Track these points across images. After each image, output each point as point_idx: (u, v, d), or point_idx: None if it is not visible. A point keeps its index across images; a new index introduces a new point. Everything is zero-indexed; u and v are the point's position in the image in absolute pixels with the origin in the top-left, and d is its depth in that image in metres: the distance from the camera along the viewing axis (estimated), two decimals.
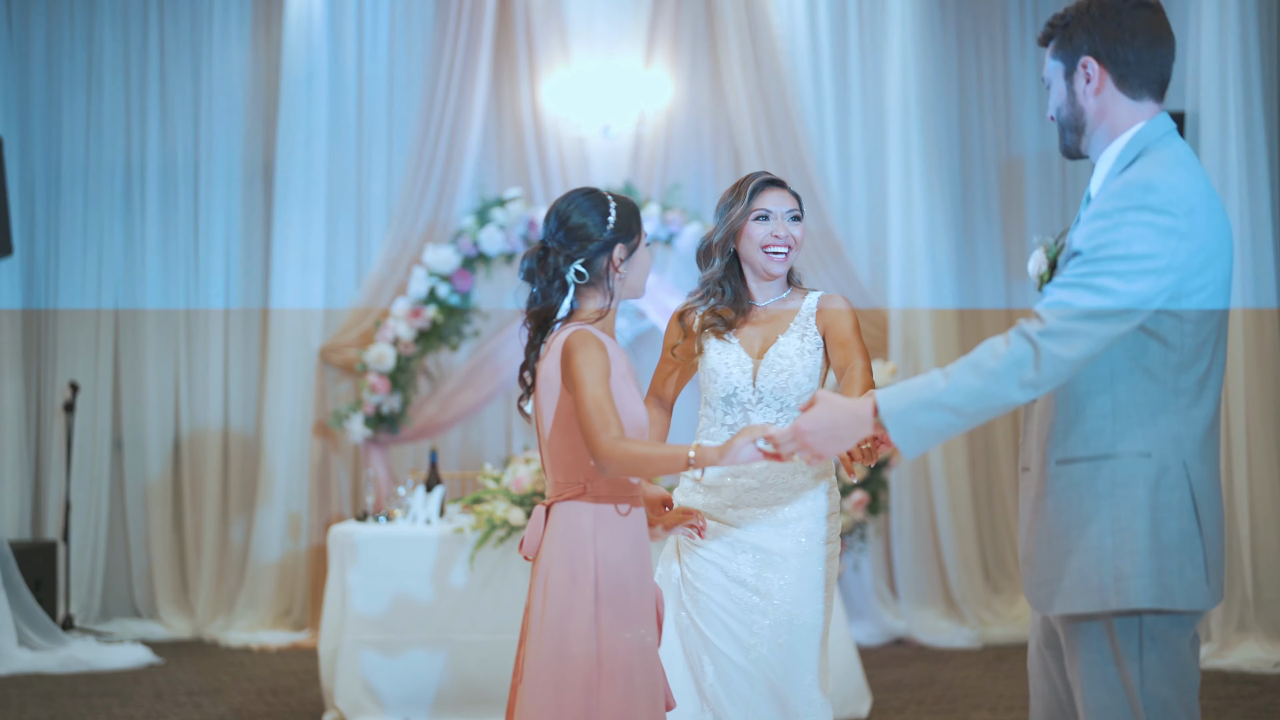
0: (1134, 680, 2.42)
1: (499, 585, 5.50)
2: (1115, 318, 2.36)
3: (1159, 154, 2.47)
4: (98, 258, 7.78)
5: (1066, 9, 2.58)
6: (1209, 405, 2.47)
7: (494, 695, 5.48)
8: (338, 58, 7.71)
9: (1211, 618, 6.43)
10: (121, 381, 7.78)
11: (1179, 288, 2.40)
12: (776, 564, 3.26)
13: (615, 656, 2.82)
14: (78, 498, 7.59)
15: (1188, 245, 2.39)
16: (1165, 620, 2.43)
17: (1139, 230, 2.37)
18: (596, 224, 2.93)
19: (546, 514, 2.93)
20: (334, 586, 5.56)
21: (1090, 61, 2.52)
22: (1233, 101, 6.49)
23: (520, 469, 5.66)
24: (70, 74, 7.81)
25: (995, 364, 2.37)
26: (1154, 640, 2.43)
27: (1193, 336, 2.44)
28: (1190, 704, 2.46)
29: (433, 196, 7.49)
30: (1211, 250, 2.43)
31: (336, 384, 7.56)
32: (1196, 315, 2.43)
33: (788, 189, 3.39)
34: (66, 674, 6.50)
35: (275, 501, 7.47)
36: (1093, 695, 2.45)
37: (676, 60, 7.62)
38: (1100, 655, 2.45)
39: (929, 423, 2.40)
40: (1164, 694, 2.42)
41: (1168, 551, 2.41)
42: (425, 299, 7.28)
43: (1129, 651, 2.43)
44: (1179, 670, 2.44)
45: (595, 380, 2.78)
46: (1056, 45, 2.57)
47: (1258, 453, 6.48)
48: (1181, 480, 2.43)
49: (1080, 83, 2.54)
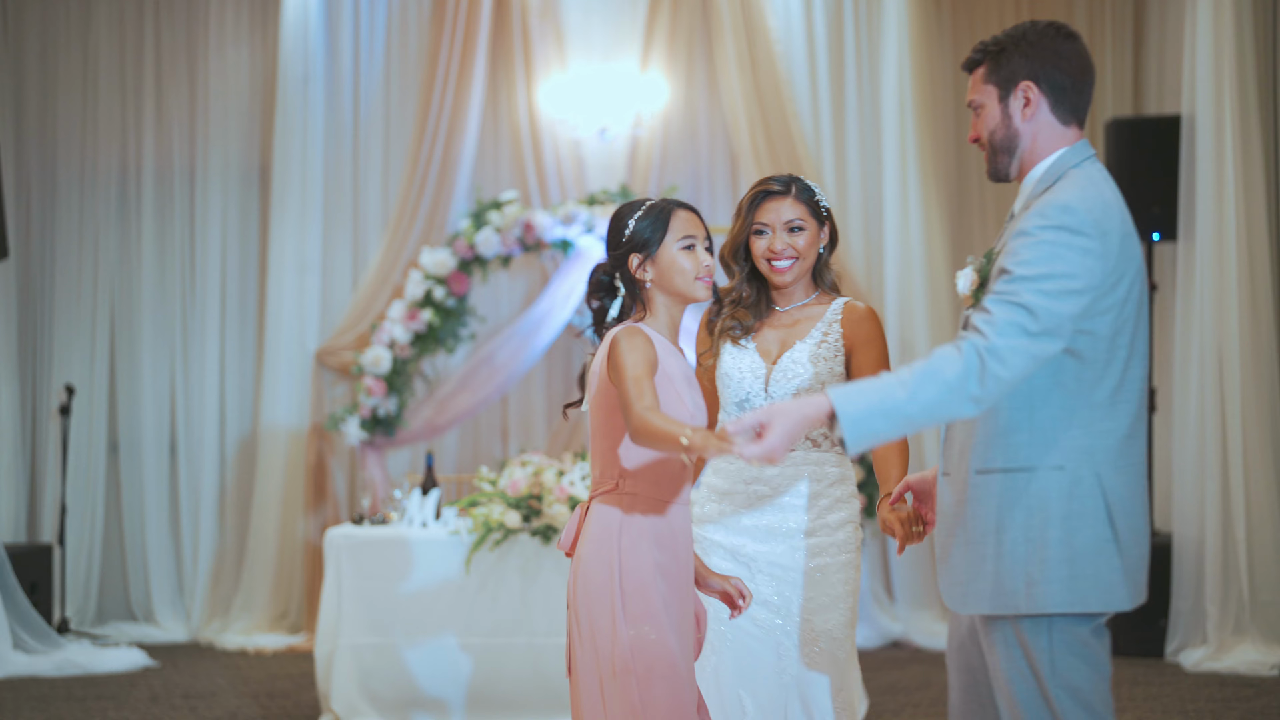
0: (1045, 673, 2.56)
1: (495, 588, 5.50)
2: (1046, 336, 2.46)
3: (1078, 177, 2.58)
4: (93, 260, 7.77)
5: (998, 37, 2.67)
6: (1123, 418, 2.58)
7: (491, 697, 5.47)
8: (334, 60, 7.71)
9: (1208, 620, 6.43)
10: (117, 384, 7.78)
11: (1092, 306, 2.51)
12: (794, 580, 3.24)
13: (639, 654, 2.84)
14: (73, 500, 7.58)
15: (1102, 265, 2.50)
16: (1073, 619, 2.57)
17: (1059, 250, 2.48)
18: (615, 236, 2.99)
19: (585, 510, 2.99)
20: (330, 590, 5.55)
21: (1030, 86, 2.62)
22: (1229, 105, 6.48)
23: (516, 472, 5.65)
24: (66, 75, 7.80)
25: (952, 377, 2.45)
26: (1062, 636, 2.56)
27: (1105, 352, 2.55)
28: (1103, 692, 2.59)
29: (429, 199, 7.49)
30: (1122, 270, 2.54)
31: (333, 387, 7.55)
32: (1108, 331, 2.54)
33: (790, 195, 3.32)
34: (62, 677, 6.49)
35: (271, 505, 7.46)
36: (1009, 687, 2.59)
37: (673, 63, 7.62)
38: (1014, 650, 2.59)
39: (884, 429, 2.47)
40: (1075, 683, 2.56)
41: (1081, 558, 2.55)
42: (421, 302, 7.27)
43: (1038, 646, 2.57)
44: (1089, 661, 2.58)
45: (636, 363, 2.82)
46: (991, 70, 2.66)
47: (1254, 457, 6.47)
48: (1094, 490, 2.55)
49: (1017, 106, 2.63)
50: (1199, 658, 6.36)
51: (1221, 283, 6.50)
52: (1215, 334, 6.51)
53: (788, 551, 3.25)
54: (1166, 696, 5.82)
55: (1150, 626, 6.65)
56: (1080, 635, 2.57)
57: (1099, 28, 7.85)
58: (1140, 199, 6.94)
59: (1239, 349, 6.47)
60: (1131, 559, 2.58)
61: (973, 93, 2.70)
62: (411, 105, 7.71)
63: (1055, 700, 2.55)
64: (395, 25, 7.78)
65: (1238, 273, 6.47)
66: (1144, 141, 6.95)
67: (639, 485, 2.91)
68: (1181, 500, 6.62)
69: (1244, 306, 6.49)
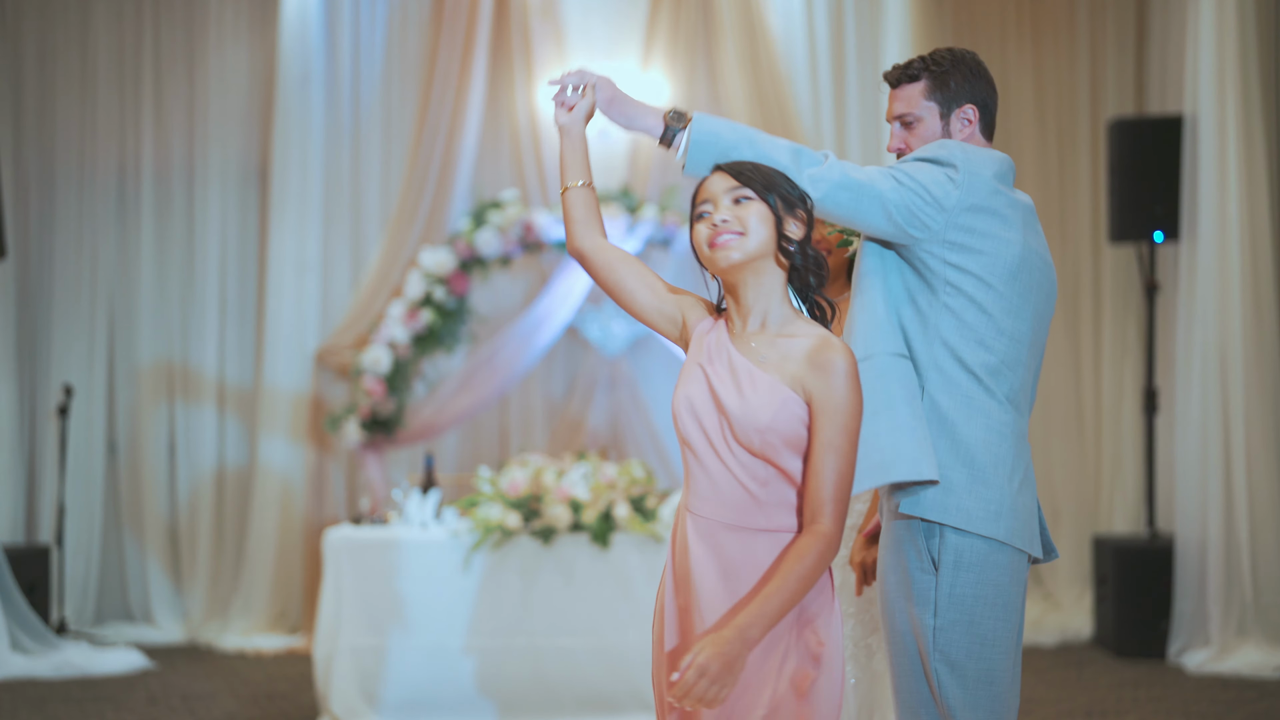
0: (927, 644, 2.72)
1: (495, 589, 5.48)
2: (871, 195, 2.66)
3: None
4: (92, 260, 7.75)
5: (935, 58, 2.87)
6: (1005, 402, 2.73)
7: (489, 699, 5.45)
8: (334, 59, 7.69)
9: (1210, 622, 6.42)
10: (116, 385, 7.76)
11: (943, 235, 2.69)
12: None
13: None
14: (72, 501, 7.56)
15: (959, 197, 2.68)
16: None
17: (928, 168, 2.71)
18: None
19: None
20: (329, 591, 5.53)
21: (973, 108, 2.86)
22: (1231, 104, 6.47)
23: (516, 473, 5.63)
24: (64, 74, 7.78)
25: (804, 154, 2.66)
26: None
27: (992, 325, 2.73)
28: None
29: (429, 199, 7.47)
30: (1015, 267, 2.71)
31: (332, 387, 7.53)
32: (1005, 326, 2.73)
33: None
34: (60, 679, 6.47)
35: (270, 505, 7.44)
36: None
37: (674, 62, 7.61)
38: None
39: (726, 132, 2.63)
40: (952, 656, 2.70)
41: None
42: (421, 302, 7.25)
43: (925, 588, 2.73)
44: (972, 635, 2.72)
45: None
46: (933, 88, 2.85)
47: (1256, 457, 6.46)
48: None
49: (958, 126, 2.86)
50: (1202, 659, 6.34)
51: (1224, 283, 6.49)
52: (1218, 334, 6.49)
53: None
54: (1169, 699, 5.80)
55: (1153, 628, 6.63)
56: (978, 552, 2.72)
57: (1101, 26, 7.84)
58: (1142, 199, 6.94)
59: (1241, 349, 6.45)
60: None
61: (908, 106, 2.87)
62: (411, 104, 7.69)
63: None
64: (395, 24, 7.76)
65: (1240, 273, 6.46)
66: (1146, 141, 6.94)
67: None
68: (1184, 501, 6.60)
69: (1246, 307, 6.48)
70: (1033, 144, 7.87)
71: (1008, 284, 2.70)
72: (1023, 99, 7.90)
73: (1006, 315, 2.70)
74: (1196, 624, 6.49)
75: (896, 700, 2.76)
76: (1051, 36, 7.92)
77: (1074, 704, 5.75)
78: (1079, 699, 5.84)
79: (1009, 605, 2.71)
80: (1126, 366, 7.72)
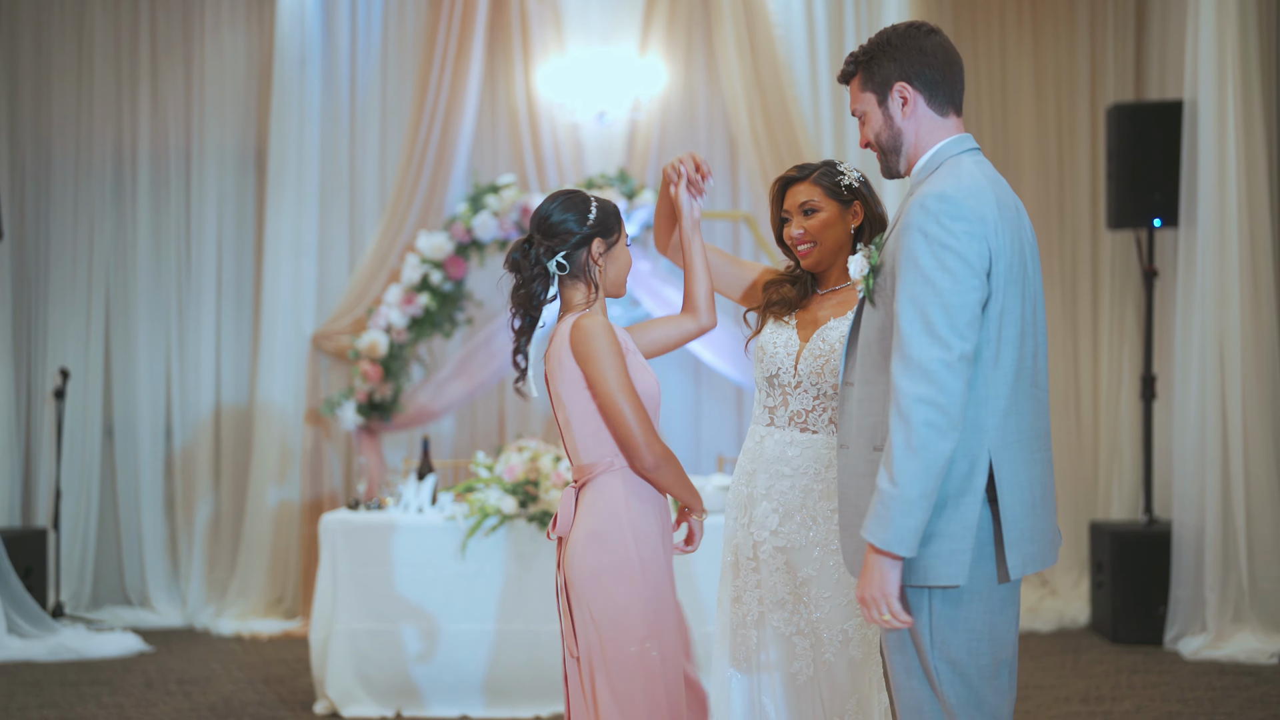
0: (924, 640, 2.67)
1: (491, 574, 5.48)
2: (962, 363, 2.56)
3: (952, 166, 2.71)
4: (89, 244, 7.73)
5: (865, 46, 2.83)
6: (1002, 385, 2.64)
7: (485, 684, 5.45)
8: (331, 43, 7.67)
9: (1207, 608, 6.42)
10: (112, 368, 7.74)
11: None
12: (815, 579, 3.22)
13: (660, 620, 2.99)
14: (68, 484, 7.55)
15: (979, 247, 2.58)
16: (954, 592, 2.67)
17: (939, 254, 2.57)
18: (577, 219, 3.11)
19: (577, 496, 3.09)
20: (325, 575, 5.53)
21: (905, 86, 2.76)
22: (1231, 90, 6.45)
23: (513, 458, 5.63)
24: (61, 59, 7.75)
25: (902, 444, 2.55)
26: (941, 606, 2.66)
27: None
28: (983, 663, 2.69)
29: (426, 183, 7.45)
30: (996, 251, 2.62)
31: (329, 371, 7.53)
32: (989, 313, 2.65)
33: (807, 179, 3.34)
34: (56, 662, 6.47)
35: (267, 489, 7.43)
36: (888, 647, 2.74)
37: (672, 47, 7.58)
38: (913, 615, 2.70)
39: (908, 523, 2.55)
40: (952, 654, 2.66)
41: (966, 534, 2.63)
42: (418, 286, 7.24)
43: (919, 606, 2.66)
44: (970, 632, 2.67)
45: (614, 374, 3.00)
46: (866, 78, 2.80)
47: (1254, 444, 6.45)
48: (982, 469, 2.62)
49: (896, 106, 2.77)
50: (1198, 645, 6.34)
51: (1223, 269, 6.47)
52: (1216, 320, 6.48)
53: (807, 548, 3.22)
54: (1165, 684, 5.81)
55: (1149, 614, 6.64)
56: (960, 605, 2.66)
57: (1101, 12, 7.81)
58: (1142, 184, 6.92)
59: (1240, 335, 6.44)
60: (1013, 535, 2.65)
61: (854, 103, 2.84)
62: (409, 88, 7.67)
63: (931, 667, 2.66)
64: (392, 7, 7.74)
65: (1239, 259, 6.44)
66: (1146, 127, 6.92)
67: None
68: (1181, 487, 6.60)
69: (1245, 293, 6.47)
70: (1032, 129, 7.85)
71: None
72: (1022, 84, 7.88)
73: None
74: (1193, 610, 6.50)
75: (897, 700, 2.76)
76: (1051, 22, 7.89)
77: (1070, 690, 5.75)
78: (1075, 685, 5.85)
79: (1005, 600, 2.71)
80: (1125, 353, 7.72)
